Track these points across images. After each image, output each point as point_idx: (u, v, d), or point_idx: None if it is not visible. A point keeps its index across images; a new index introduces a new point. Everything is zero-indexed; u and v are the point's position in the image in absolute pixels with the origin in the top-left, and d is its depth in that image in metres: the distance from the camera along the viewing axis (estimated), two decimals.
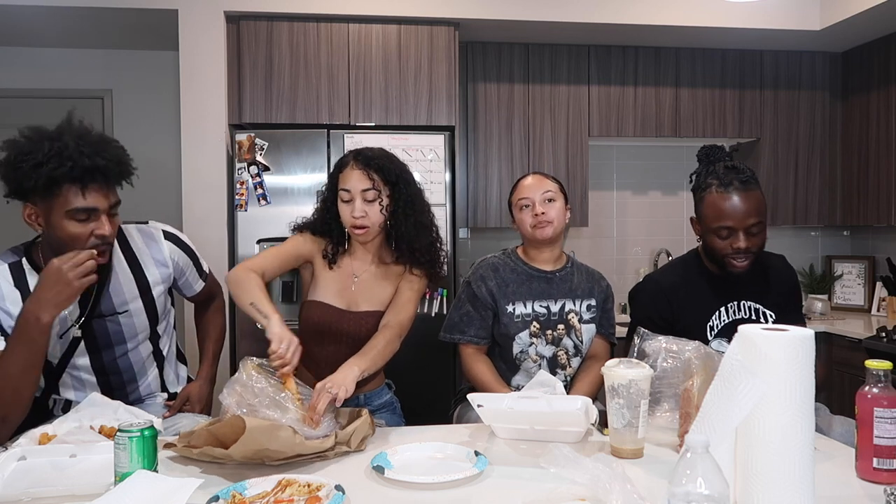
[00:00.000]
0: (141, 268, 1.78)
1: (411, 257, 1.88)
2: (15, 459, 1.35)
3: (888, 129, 3.59)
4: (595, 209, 4.00)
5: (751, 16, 3.49)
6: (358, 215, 1.80)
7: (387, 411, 1.95)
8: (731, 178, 1.85)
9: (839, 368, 3.40)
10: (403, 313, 1.87)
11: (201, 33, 3.17)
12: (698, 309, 1.96)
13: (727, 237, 1.85)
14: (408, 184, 1.88)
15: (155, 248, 1.81)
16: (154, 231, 1.83)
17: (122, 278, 1.75)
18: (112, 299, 1.72)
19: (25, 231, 1.64)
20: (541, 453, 1.18)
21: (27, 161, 1.52)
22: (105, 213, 1.59)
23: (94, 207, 1.57)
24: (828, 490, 1.22)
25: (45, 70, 3.78)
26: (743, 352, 1.12)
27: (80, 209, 1.55)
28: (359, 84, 3.25)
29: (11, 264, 1.65)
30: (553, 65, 3.70)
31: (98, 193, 1.57)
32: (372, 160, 1.84)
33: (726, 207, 1.83)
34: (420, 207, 1.89)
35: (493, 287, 2.04)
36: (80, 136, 1.57)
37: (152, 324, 1.82)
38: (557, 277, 2.08)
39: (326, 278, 1.90)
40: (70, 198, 1.54)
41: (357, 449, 1.48)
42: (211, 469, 1.36)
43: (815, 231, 4.25)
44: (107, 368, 1.77)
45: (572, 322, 2.06)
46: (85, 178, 1.54)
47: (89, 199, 1.56)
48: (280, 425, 1.35)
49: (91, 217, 1.58)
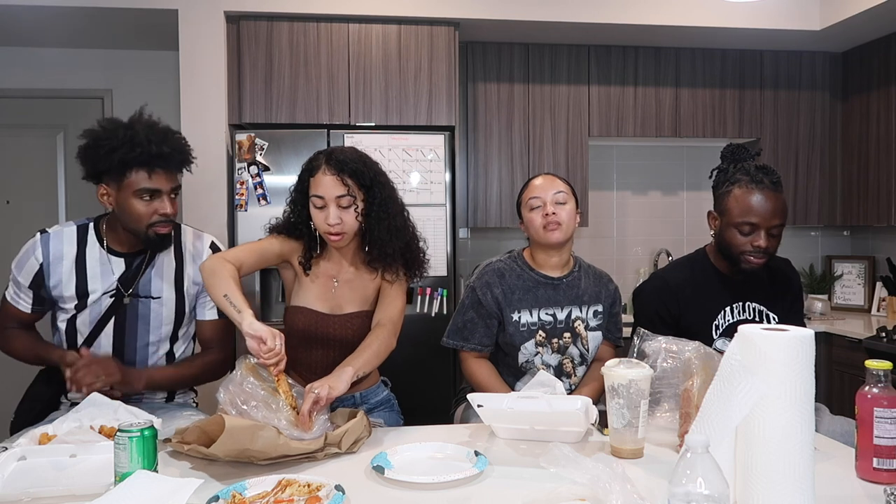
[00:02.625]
0: (183, 263, 1.92)
1: (384, 261, 1.83)
2: (15, 459, 1.35)
3: (888, 129, 3.59)
4: (595, 209, 4.00)
5: (751, 16, 3.49)
6: (333, 222, 1.74)
7: (384, 409, 1.94)
8: (762, 177, 1.85)
9: (839, 368, 3.40)
10: (392, 309, 1.84)
11: (201, 33, 3.17)
12: (704, 307, 1.96)
13: (749, 234, 1.85)
14: (382, 186, 1.81)
15: (199, 252, 1.95)
16: (205, 238, 1.99)
17: (165, 267, 1.90)
18: (151, 282, 1.88)
19: None
20: (541, 453, 1.18)
21: (103, 147, 1.74)
22: (167, 195, 1.80)
23: (158, 189, 1.77)
24: (828, 490, 1.22)
25: (45, 70, 3.78)
26: (742, 352, 1.12)
27: (146, 189, 1.76)
28: (359, 84, 3.25)
29: (79, 226, 1.88)
30: (553, 65, 3.70)
31: (162, 177, 1.78)
32: (346, 164, 1.75)
33: (754, 204, 1.84)
34: (394, 210, 1.83)
35: (498, 294, 2.00)
36: (149, 126, 1.78)
37: (176, 322, 1.91)
38: (564, 284, 2.04)
39: (307, 283, 1.86)
40: (139, 179, 1.76)
41: (349, 451, 1.47)
42: (211, 469, 1.36)
43: (815, 231, 4.25)
44: (125, 356, 1.85)
45: (578, 330, 2.04)
46: (151, 163, 1.75)
47: (154, 180, 1.77)
48: (263, 425, 1.34)
49: (154, 197, 1.78)
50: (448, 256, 3.15)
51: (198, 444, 1.38)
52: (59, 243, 1.83)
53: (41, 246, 1.82)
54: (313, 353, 1.84)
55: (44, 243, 1.82)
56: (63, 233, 1.85)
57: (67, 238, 1.84)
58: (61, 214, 3.81)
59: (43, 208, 3.78)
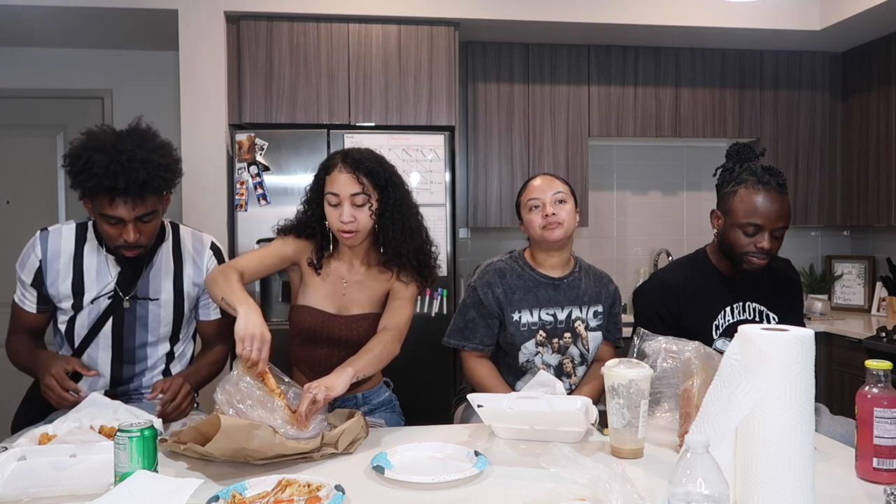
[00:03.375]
0: (182, 264, 1.90)
1: (398, 262, 1.84)
2: (15, 459, 1.35)
3: (888, 129, 3.59)
4: (595, 209, 4.00)
5: (751, 16, 3.49)
6: (346, 220, 1.75)
7: (386, 410, 1.94)
8: (769, 178, 1.85)
9: (839, 368, 3.40)
10: (400, 315, 1.84)
11: (201, 33, 3.17)
12: (704, 307, 1.96)
13: (753, 234, 1.85)
14: (397, 187, 1.83)
15: (198, 252, 1.93)
16: (205, 240, 1.96)
17: (164, 268, 1.88)
18: (149, 284, 1.85)
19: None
20: (541, 453, 1.18)
21: (71, 166, 1.70)
22: (132, 223, 1.71)
23: (119, 217, 1.70)
24: (828, 490, 1.22)
25: (45, 70, 3.78)
26: (742, 352, 1.12)
27: (108, 216, 1.70)
28: (359, 84, 3.25)
29: (79, 224, 1.86)
30: (553, 65, 3.70)
31: (122, 208, 1.68)
32: (361, 163, 1.78)
33: (760, 205, 1.84)
34: (408, 211, 1.84)
35: (499, 294, 2.00)
36: (116, 153, 1.65)
37: (176, 323, 1.89)
38: (565, 284, 2.04)
39: (315, 283, 1.86)
40: (102, 204, 1.69)
41: (345, 451, 1.46)
42: (209, 469, 1.36)
43: (815, 231, 4.25)
44: (124, 356, 1.85)
45: (579, 330, 2.04)
46: (111, 193, 1.66)
47: (115, 209, 1.69)
48: (258, 425, 1.34)
49: (119, 223, 1.71)
50: (448, 256, 3.15)
51: (193, 444, 1.38)
52: (57, 240, 1.82)
53: (40, 243, 1.81)
54: (318, 352, 1.85)
55: (43, 240, 1.82)
56: (62, 231, 1.84)
57: (66, 236, 1.83)
58: (61, 214, 3.81)
59: (43, 208, 3.78)
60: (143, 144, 1.70)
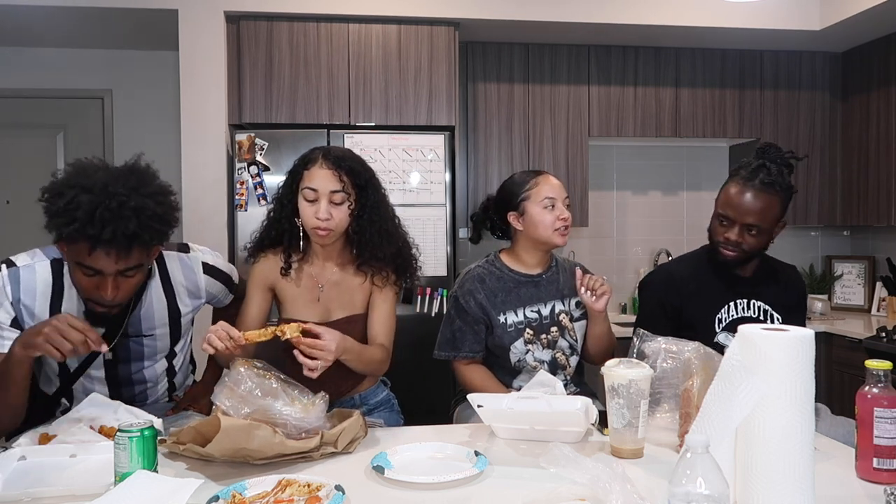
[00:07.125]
0: (175, 297, 1.77)
1: (374, 265, 1.81)
2: (15, 459, 1.35)
3: (888, 129, 3.59)
4: (595, 209, 3.99)
5: (751, 16, 3.49)
6: (323, 216, 1.70)
7: (384, 409, 1.94)
8: (756, 175, 1.86)
9: (839, 368, 3.40)
10: (387, 326, 1.84)
11: (201, 33, 3.17)
12: (707, 301, 1.97)
13: (725, 225, 1.90)
14: (375, 189, 1.79)
15: (191, 281, 1.79)
16: (194, 265, 1.80)
17: (156, 305, 1.73)
18: (141, 323, 1.72)
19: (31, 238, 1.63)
20: (541, 453, 1.18)
21: (50, 203, 1.47)
22: (111, 277, 1.50)
23: (98, 269, 1.48)
24: (828, 490, 1.22)
25: (45, 70, 3.78)
26: (743, 352, 1.12)
27: (85, 265, 1.48)
28: (359, 84, 3.25)
29: (53, 261, 1.62)
30: (553, 65, 3.70)
31: (105, 259, 1.46)
32: (343, 160, 1.74)
33: (734, 197, 1.87)
34: (386, 214, 1.81)
35: (482, 299, 2.00)
36: (106, 196, 1.43)
37: (173, 344, 1.83)
38: (545, 280, 2.06)
39: (293, 294, 1.82)
40: (79, 251, 1.47)
41: (344, 451, 1.46)
42: (209, 469, 1.36)
43: (815, 231, 4.25)
44: (121, 381, 1.77)
45: (564, 323, 2.05)
46: (93, 241, 1.43)
47: (95, 260, 1.47)
48: (258, 424, 1.33)
49: (97, 274, 1.49)
50: (448, 256, 3.15)
51: (192, 444, 1.37)
52: (31, 279, 1.59)
53: (10, 282, 1.56)
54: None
55: (13, 279, 1.57)
56: (35, 268, 1.60)
57: (41, 275, 1.60)
58: None
59: (43, 208, 3.77)
60: (138, 188, 1.48)
